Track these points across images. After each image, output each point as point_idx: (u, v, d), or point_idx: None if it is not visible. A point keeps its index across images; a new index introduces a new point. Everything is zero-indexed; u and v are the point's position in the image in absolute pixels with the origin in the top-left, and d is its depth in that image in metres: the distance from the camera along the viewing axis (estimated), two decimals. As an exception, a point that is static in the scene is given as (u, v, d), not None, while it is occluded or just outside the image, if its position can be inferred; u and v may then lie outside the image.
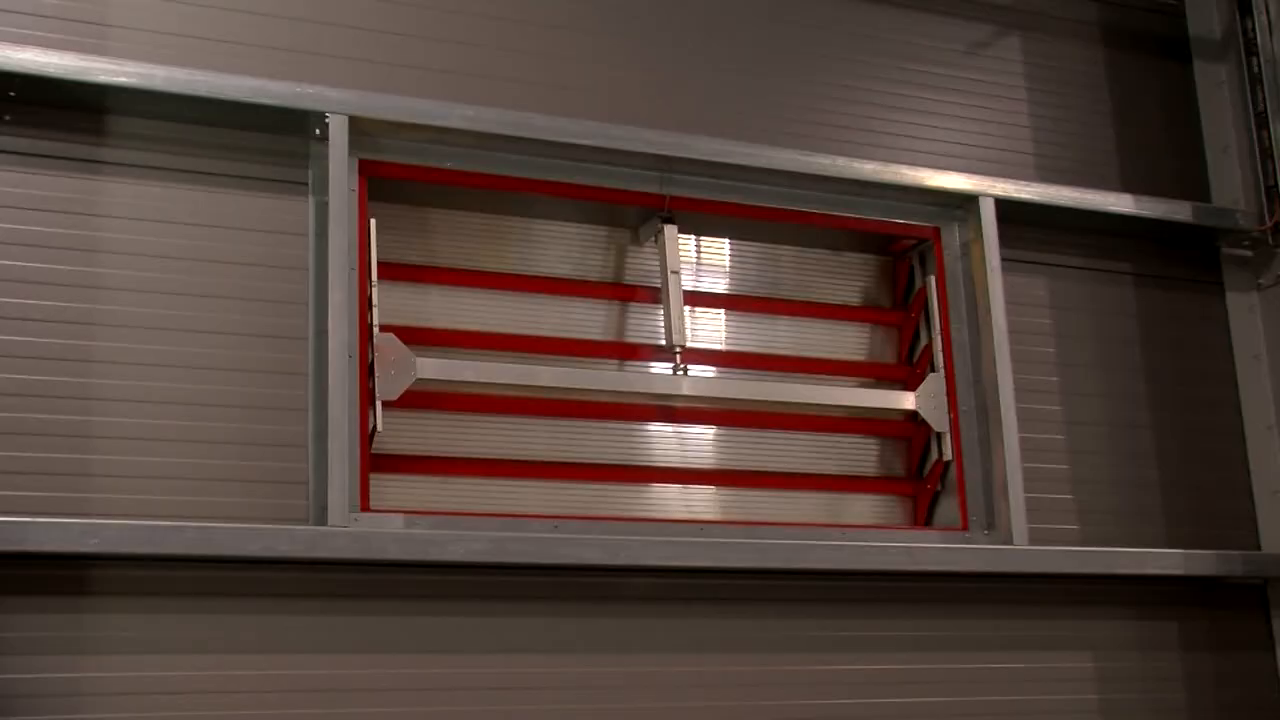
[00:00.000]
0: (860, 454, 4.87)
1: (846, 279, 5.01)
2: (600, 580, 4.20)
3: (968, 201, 4.91)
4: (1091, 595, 4.90)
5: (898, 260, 5.05)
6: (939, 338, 4.86)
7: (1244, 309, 5.35)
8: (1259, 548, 5.18)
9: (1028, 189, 5.01)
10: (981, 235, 4.87)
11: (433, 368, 4.22)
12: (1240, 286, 5.38)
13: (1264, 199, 5.32)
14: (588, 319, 4.63)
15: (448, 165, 4.32)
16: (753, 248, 4.90)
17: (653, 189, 4.59)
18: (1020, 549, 4.67)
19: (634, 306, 4.68)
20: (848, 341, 4.95)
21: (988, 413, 4.78)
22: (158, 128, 4.00)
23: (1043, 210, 5.04)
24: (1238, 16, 5.47)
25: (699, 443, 4.68)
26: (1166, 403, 5.22)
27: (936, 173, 4.89)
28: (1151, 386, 5.21)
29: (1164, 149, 5.49)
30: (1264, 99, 5.36)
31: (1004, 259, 4.92)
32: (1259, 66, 5.39)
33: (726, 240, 4.87)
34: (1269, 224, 5.27)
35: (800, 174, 4.69)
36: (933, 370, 4.85)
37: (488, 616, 4.07)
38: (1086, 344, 5.15)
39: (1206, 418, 5.28)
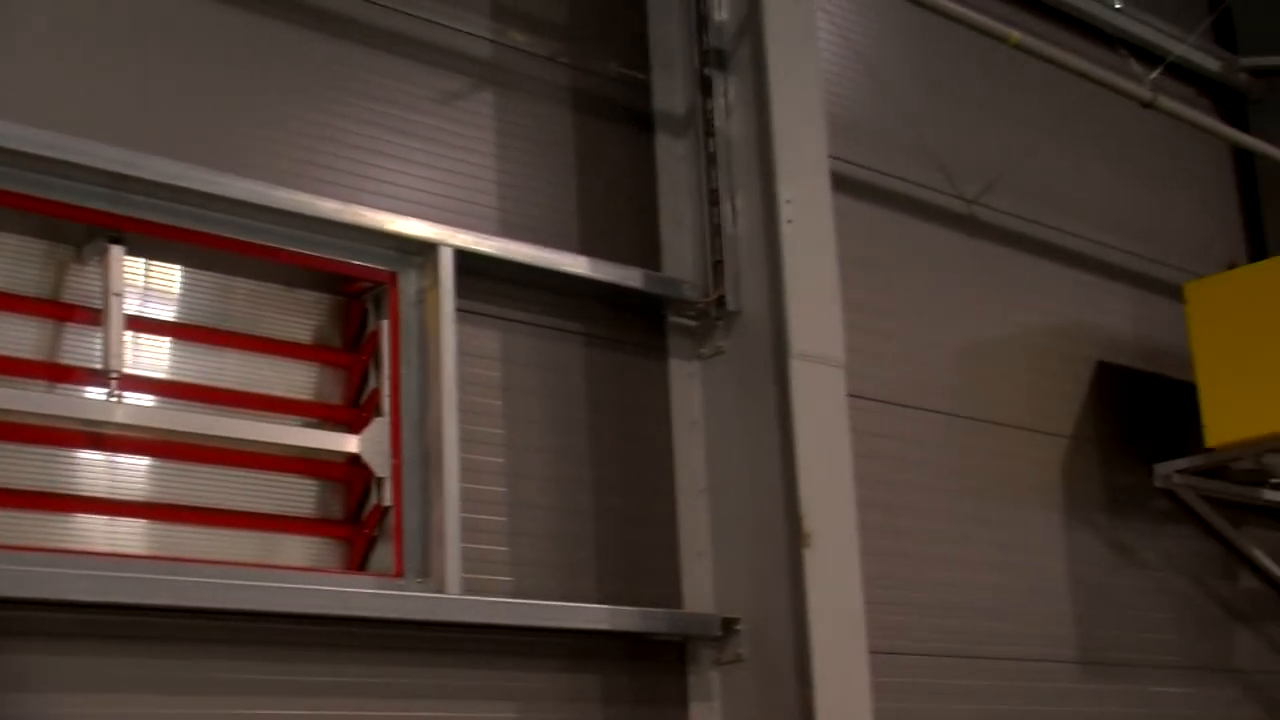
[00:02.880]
0: (299, 494, 4.99)
1: (300, 316, 5.13)
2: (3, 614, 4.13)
3: (427, 249, 5.16)
4: (523, 647, 5.19)
5: (352, 301, 5.22)
6: (387, 382, 5.06)
7: (685, 376, 5.84)
8: (682, 607, 5.65)
9: (488, 242, 5.31)
10: (438, 284, 5.12)
11: None
12: (683, 354, 5.87)
13: (711, 273, 5.84)
14: (19, 336, 4.55)
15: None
16: (206, 277, 4.93)
17: (102, 206, 4.58)
18: (453, 598, 4.91)
19: (71, 327, 4.64)
20: (295, 379, 5.06)
21: (430, 461, 5.01)
22: None
23: (501, 264, 5.35)
24: (700, 96, 6.00)
25: (131, 474, 4.68)
26: (607, 461, 5.62)
27: (398, 218, 5.11)
28: (595, 445, 5.60)
29: (624, 216, 5.92)
30: (718, 178, 5.89)
31: (459, 309, 5.18)
32: (716, 146, 5.92)
33: (179, 267, 4.89)
34: (713, 297, 5.79)
35: (259, 206, 4.79)
36: (379, 415, 5.05)
37: None
38: (535, 399, 5.48)
39: (644, 478, 5.71)
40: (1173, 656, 7.47)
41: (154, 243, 4.75)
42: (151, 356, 4.78)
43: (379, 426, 5.02)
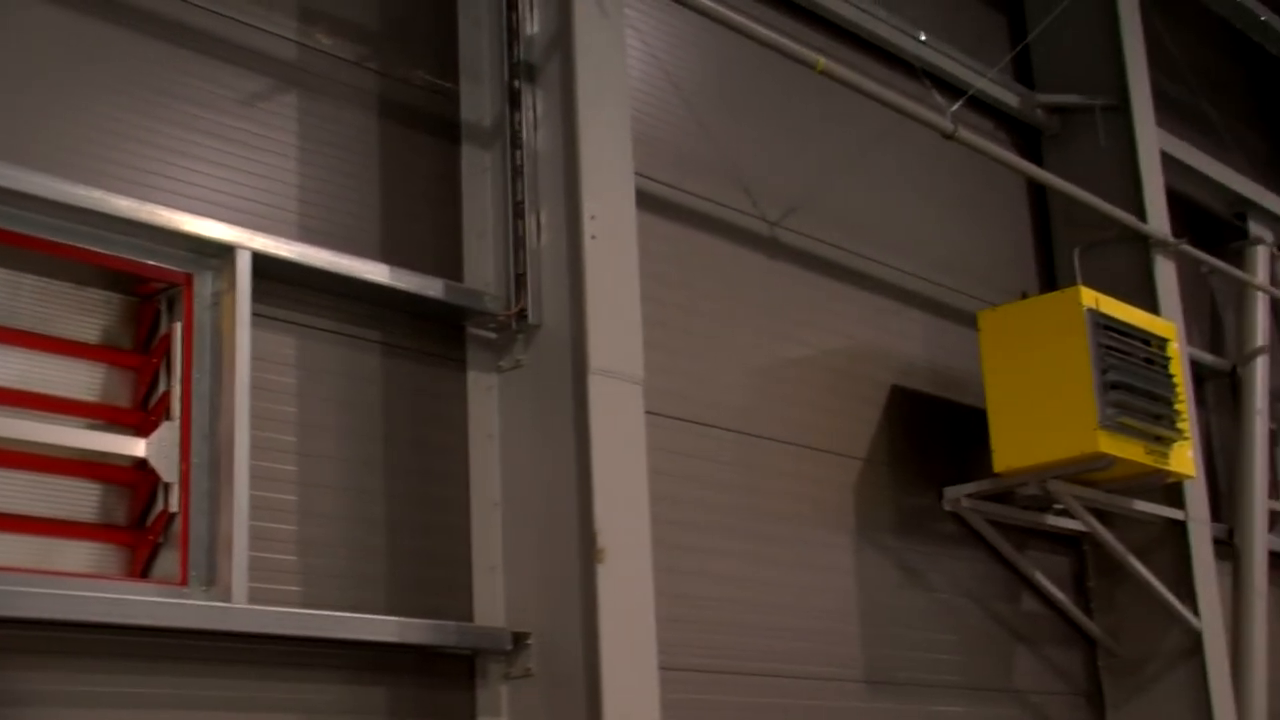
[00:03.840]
0: (82, 498, 4.92)
1: (90, 316, 5.06)
2: None
3: (224, 251, 5.13)
4: (309, 658, 5.18)
5: (145, 302, 5.17)
6: (178, 386, 5.02)
7: (483, 389, 5.89)
8: (474, 620, 5.69)
9: (286, 246, 5.30)
10: (234, 287, 5.09)
11: None
12: (482, 367, 5.92)
13: (513, 286, 5.90)
14: None
15: None
16: (-8, 272, 4.87)
17: (-119, 195, 4.48)
18: (238, 607, 4.89)
19: None
20: (83, 380, 4.99)
21: (219, 467, 4.98)
22: None
23: (299, 269, 5.34)
24: (508, 108, 6.05)
25: (-98, 474, 4.57)
26: (402, 472, 5.63)
27: (195, 218, 5.08)
28: (390, 455, 5.61)
29: (427, 225, 5.95)
30: (523, 191, 5.96)
31: (256, 314, 5.16)
32: (522, 159, 5.98)
33: (-36, 261, 4.80)
34: (514, 310, 5.85)
35: (49, 201, 4.72)
36: (168, 419, 5.01)
37: None
38: (330, 407, 5.48)
39: (439, 490, 5.74)
40: (955, 676, 7.73)
41: (-62, 235, 4.66)
42: (-71, 352, 4.68)
43: (168, 431, 4.98)
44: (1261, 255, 10.75)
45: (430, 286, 5.70)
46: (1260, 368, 10.33)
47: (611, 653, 5.44)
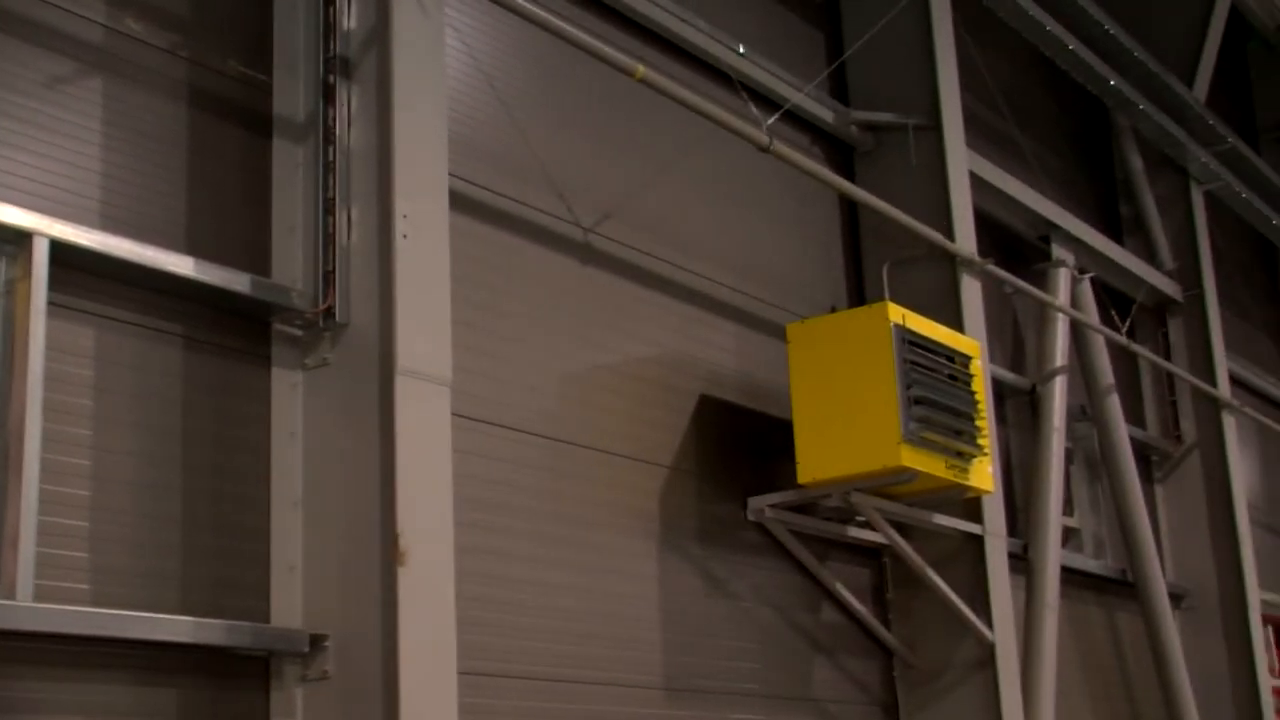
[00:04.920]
0: None
1: (-126, 299, 4.93)
2: None
3: (21, 238, 5.02)
4: (98, 658, 5.09)
5: (-65, 288, 5.05)
6: (-32, 375, 4.91)
7: (287, 386, 5.85)
8: (270, 621, 5.65)
9: (87, 235, 5.20)
10: (30, 275, 4.99)
11: None
12: (287, 364, 5.87)
13: (321, 283, 5.86)
14: None
15: None
16: None
17: None
18: (23, 605, 4.79)
19: None
20: None
21: (8, 460, 4.87)
22: None
23: (100, 259, 5.25)
24: (322, 104, 6.02)
25: None
26: (201, 469, 5.56)
27: (-9, 203, 4.98)
28: (189, 452, 5.54)
29: (235, 219, 5.88)
30: (335, 188, 5.93)
31: (52, 303, 5.07)
32: (335, 155, 5.96)
33: None
34: (322, 307, 5.82)
35: None
36: (-45, 409, 4.90)
37: None
38: (128, 401, 5.39)
39: (239, 488, 5.68)
40: (755, 685, 7.86)
41: None
42: None
43: (-46, 421, 4.87)
44: (1063, 277, 11.10)
45: (236, 281, 5.64)
46: (1059, 387, 10.67)
47: (410, 656, 5.44)
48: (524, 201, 7.12)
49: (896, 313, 7.86)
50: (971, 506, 8.87)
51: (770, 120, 7.94)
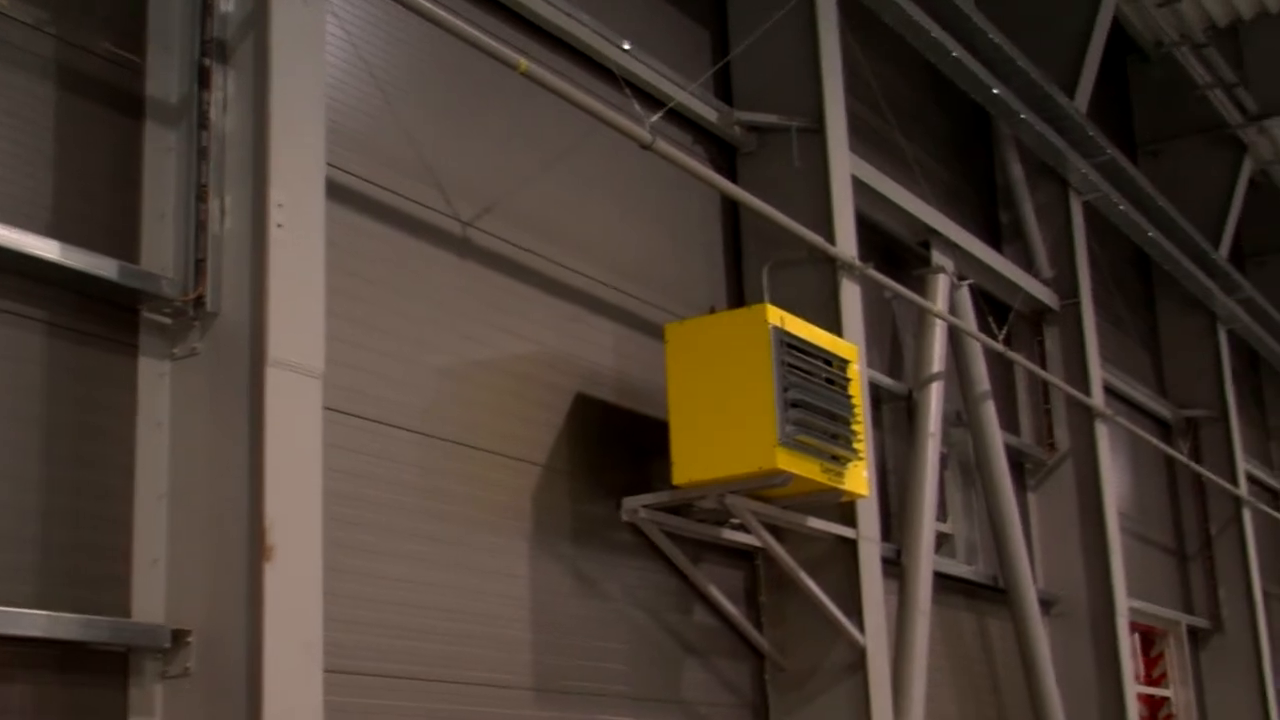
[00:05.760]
0: None
1: None
2: None
3: (-123, 217, 4.92)
4: (-52, 653, 5.02)
5: None
6: None
7: (155, 376, 5.77)
8: (131, 615, 5.57)
9: (-56, 216, 5.11)
10: (-114, 256, 4.90)
11: None
12: (155, 353, 5.79)
13: (192, 271, 5.79)
14: None
15: None
16: None
17: None
18: None
19: None
20: None
21: None
22: None
23: (-42, 242, 5.16)
24: (196, 87, 5.94)
25: None
26: (63, 460, 5.47)
27: None
28: (49, 441, 5.44)
29: (104, 203, 5.78)
30: (208, 174, 5.85)
31: (-92, 285, 4.97)
32: (209, 141, 5.88)
33: None
34: (191, 296, 5.75)
35: None
36: None
37: None
38: (-14, 388, 5.30)
39: (101, 479, 5.59)
40: (624, 686, 7.89)
41: None
42: None
43: None
44: (942, 283, 11.26)
45: (102, 266, 5.55)
46: (935, 393, 10.83)
47: (275, 653, 5.40)
48: (403, 194, 7.09)
49: (775, 315, 7.92)
50: (846, 510, 8.97)
51: (653, 118, 7.98)
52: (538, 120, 8.02)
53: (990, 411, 11.65)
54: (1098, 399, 13.38)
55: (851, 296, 9.42)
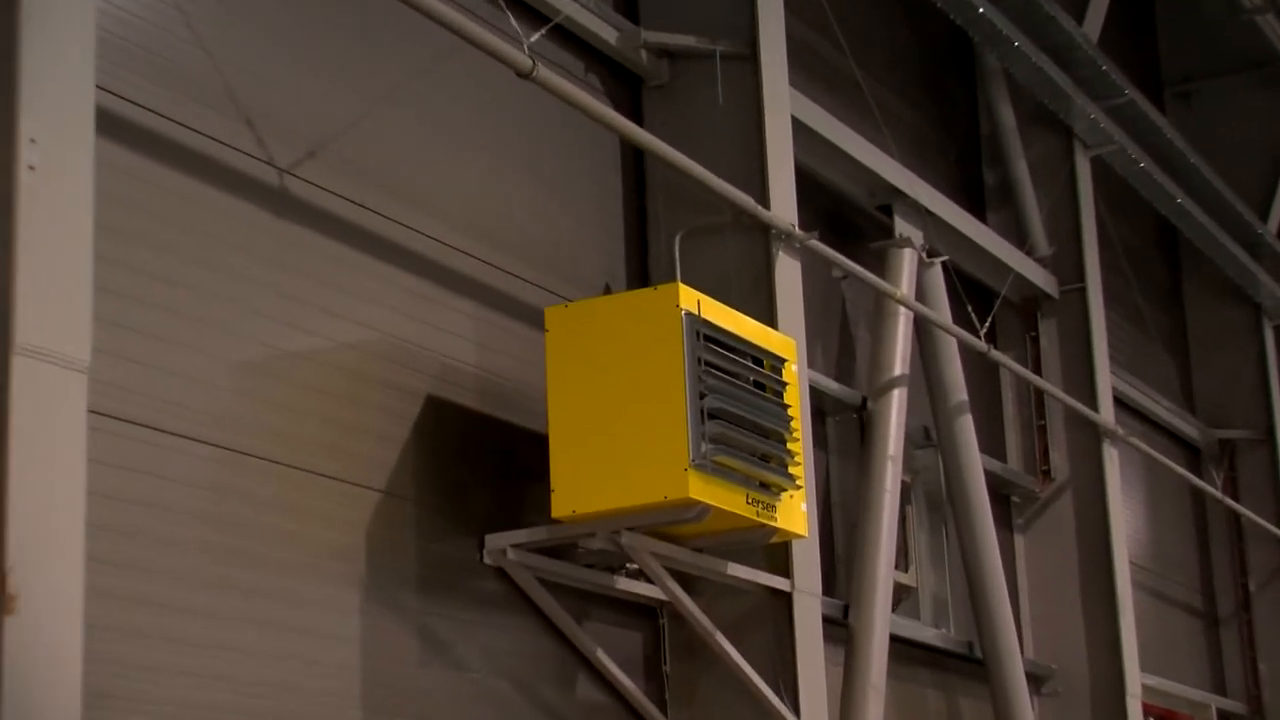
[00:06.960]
0: None
1: None
2: None
3: None
4: None
5: None
6: None
7: None
8: None
9: None
10: None
11: None
12: None
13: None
14: None
15: None
16: None
17: None
18: None
19: None
20: None
21: None
22: None
23: None
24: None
25: None
26: None
27: None
28: None
29: None
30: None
31: None
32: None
33: None
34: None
35: None
36: None
37: None
38: None
39: None
40: (485, 782, 7.90)
41: None
42: None
43: None
44: (907, 259, 11.31)
45: None
46: (896, 402, 10.88)
47: (16, 735, 5.35)
48: (200, 130, 7.03)
49: (690, 297, 7.93)
50: (778, 555, 9.01)
51: (534, 38, 7.96)
52: (382, 40, 7.99)
53: (968, 429, 11.75)
54: (1106, 414, 13.53)
55: (789, 275, 9.46)
